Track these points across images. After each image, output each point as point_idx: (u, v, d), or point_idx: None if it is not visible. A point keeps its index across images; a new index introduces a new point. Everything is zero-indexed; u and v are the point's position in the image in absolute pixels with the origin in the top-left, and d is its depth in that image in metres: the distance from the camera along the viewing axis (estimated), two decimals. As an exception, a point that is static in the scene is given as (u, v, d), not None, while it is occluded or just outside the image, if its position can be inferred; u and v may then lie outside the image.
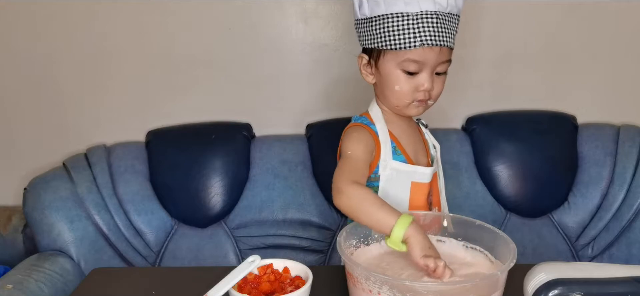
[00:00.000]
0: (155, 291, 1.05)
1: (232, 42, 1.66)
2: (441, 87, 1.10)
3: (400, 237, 0.89)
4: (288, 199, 1.58)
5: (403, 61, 1.05)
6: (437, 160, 1.19)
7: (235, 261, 1.57)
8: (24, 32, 1.64)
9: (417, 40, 1.02)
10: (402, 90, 1.08)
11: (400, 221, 0.90)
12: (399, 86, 1.08)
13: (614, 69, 1.70)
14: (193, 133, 1.66)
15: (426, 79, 1.06)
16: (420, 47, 1.03)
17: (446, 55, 1.06)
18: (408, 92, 1.08)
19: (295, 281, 0.95)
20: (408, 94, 1.08)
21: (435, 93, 1.09)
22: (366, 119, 1.15)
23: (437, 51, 1.04)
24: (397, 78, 1.07)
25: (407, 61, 1.05)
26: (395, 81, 1.08)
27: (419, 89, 1.07)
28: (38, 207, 1.48)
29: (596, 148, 1.62)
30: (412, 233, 0.89)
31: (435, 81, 1.08)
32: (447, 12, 1.03)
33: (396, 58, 1.06)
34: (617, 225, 1.57)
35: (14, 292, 1.22)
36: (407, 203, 1.11)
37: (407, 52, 1.04)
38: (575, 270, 0.83)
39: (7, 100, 1.70)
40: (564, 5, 1.64)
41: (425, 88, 1.06)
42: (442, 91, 1.11)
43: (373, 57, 1.10)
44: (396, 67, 1.07)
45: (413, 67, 1.05)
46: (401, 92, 1.08)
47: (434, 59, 1.04)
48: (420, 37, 1.02)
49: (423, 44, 1.02)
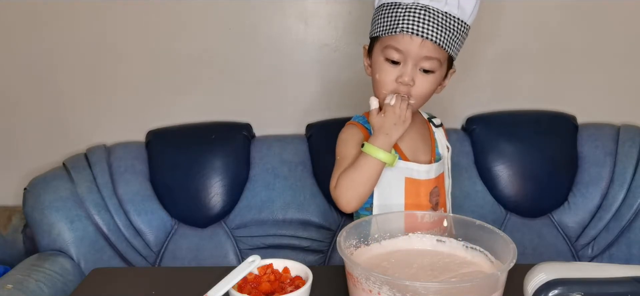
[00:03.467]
0: (155, 291, 1.05)
1: (232, 42, 1.66)
2: (426, 87, 1.08)
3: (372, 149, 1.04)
4: (288, 199, 1.58)
5: (385, 48, 1.07)
6: (445, 161, 1.18)
7: (235, 261, 1.57)
8: (24, 32, 1.64)
9: (399, 26, 1.04)
10: (381, 79, 1.09)
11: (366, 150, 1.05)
12: (380, 74, 1.09)
13: (614, 69, 1.70)
14: (193, 133, 1.66)
15: (407, 70, 1.06)
16: (401, 34, 1.04)
17: (431, 51, 1.05)
18: (388, 82, 1.08)
19: (295, 281, 0.95)
20: (388, 84, 1.08)
21: (416, 91, 1.08)
22: (364, 118, 1.17)
23: (418, 42, 1.04)
24: (380, 66, 1.09)
25: (389, 47, 1.06)
26: (378, 69, 1.10)
27: (398, 80, 1.07)
28: (38, 207, 1.48)
29: (596, 148, 1.62)
30: (373, 138, 1.07)
31: (418, 77, 1.07)
32: (444, 11, 1.03)
33: (381, 45, 1.08)
34: (617, 225, 1.57)
35: (14, 292, 1.22)
36: (403, 198, 1.11)
37: (389, 39, 1.06)
38: (575, 270, 0.83)
39: (7, 100, 1.69)
40: (564, 5, 1.64)
41: (404, 80, 1.06)
42: (427, 93, 1.10)
43: (370, 47, 1.14)
44: (380, 54, 1.09)
45: (395, 56, 1.06)
46: (381, 82, 1.09)
47: (416, 50, 1.04)
48: (403, 24, 1.03)
49: (403, 31, 1.03)
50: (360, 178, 1.05)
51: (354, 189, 1.06)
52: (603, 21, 1.66)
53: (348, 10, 1.64)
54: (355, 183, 1.06)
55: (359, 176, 1.05)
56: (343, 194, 1.07)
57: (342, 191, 1.07)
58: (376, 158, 1.04)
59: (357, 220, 0.98)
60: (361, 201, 1.07)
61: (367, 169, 1.05)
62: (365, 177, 1.05)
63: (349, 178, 1.06)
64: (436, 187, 1.14)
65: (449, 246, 0.99)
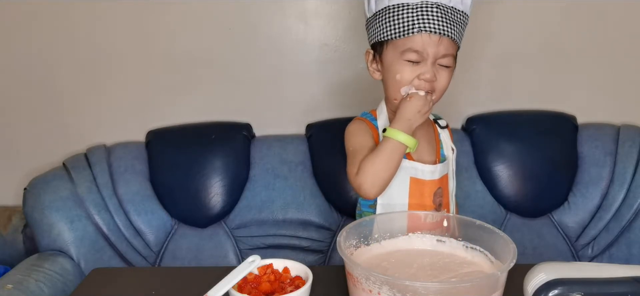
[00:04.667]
0: (155, 291, 1.05)
1: (232, 42, 1.66)
2: (446, 81, 1.09)
3: (394, 132, 1.05)
4: (288, 199, 1.58)
5: (404, 51, 1.07)
6: (449, 162, 1.18)
7: (235, 261, 1.57)
8: (24, 33, 1.64)
9: (415, 26, 1.04)
10: (402, 78, 1.08)
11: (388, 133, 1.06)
12: (400, 74, 1.08)
13: (613, 69, 1.70)
14: (193, 133, 1.66)
15: (428, 68, 1.06)
16: (419, 34, 1.04)
17: (448, 47, 1.06)
18: (408, 79, 1.08)
19: (295, 281, 0.95)
20: (408, 82, 1.08)
21: (439, 85, 1.08)
22: (370, 115, 1.18)
23: (436, 39, 1.04)
24: (401, 67, 1.08)
25: (408, 50, 1.06)
26: (397, 70, 1.09)
27: (420, 77, 1.07)
28: (38, 207, 1.48)
29: (596, 148, 1.62)
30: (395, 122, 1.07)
31: (439, 72, 1.07)
32: (450, 6, 1.05)
33: (397, 48, 1.07)
34: (617, 225, 1.57)
35: (14, 292, 1.22)
36: (407, 198, 1.11)
37: (407, 41, 1.05)
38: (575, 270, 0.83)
39: (7, 100, 1.70)
40: (563, 5, 1.64)
41: (426, 77, 1.06)
42: (446, 86, 1.10)
43: (378, 51, 1.12)
44: (398, 57, 1.08)
45: (414, 57, 1.06)
46: (402, 81, 1.08)
47: (434, 48, 1.05)
48: (419, 24, 1.03)
49: (421, 30, 1.03)
50: (383, 162, 1.05)
51: (377, 174, 1.05)
52: (603, 21, 1.66)
53: (348, 10, 1.64)
54: (377, 168, 1.05)
55: (382, 160, 1.05)
56: (366, 179, 1.06)
57: (366, 176, 1.06)
58: (398, 140, 1.05)
59: (357, 220, 0.98)
60: (385, 185, 1.07)
61: (390, 152, 1.05)
62: (388, 160, 1.05)
63: (370, 163, 1.06)
64: (440, 188, 1.14)
65: (449, 246, 0.99)
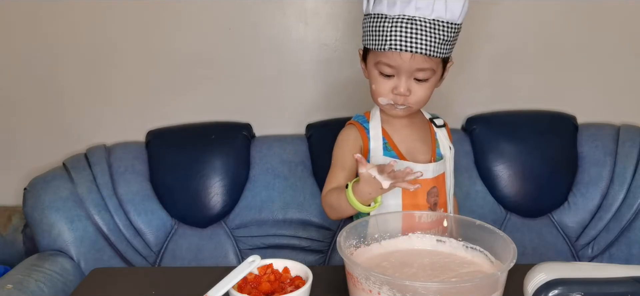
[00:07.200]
0: (155, 291, 1.05)
1: (232, 42, 1.66)
2: (423, 93, 1.09)
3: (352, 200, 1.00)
4: (288, 199, 1.58)
5: (377, 63, 1.08)
6: (447, 161, 1.18)
7: (235, 261, 1.57)
8: (24, 33, 1.64)
9: (387, 43, 1.03)
10: (377, 90, 1.10)
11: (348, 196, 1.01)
12: (376, 85, 1.10)
13: (614, 69, 1.70)
14: (193, 133, 1.66)
15: (402, 82, 1.07)
16: (390, 51, 1.03)
17: (423, 62, 1.04)
18: (384, 92, 1.09)
19: (295, 281, 0.95)
20: (384, 94, 1.09)
21: (414, 99, 1.09)
22: (364, 117, 1.18)
23: (408, 57, 1.03)
24: (375, 78, 1.10)
25: (381, 63, 1.07)
26: (373, 80, 1.11)
27: (394, 91, 1.08)
28: (38, 207, 1.48)
29: (596, 148, 1.62)
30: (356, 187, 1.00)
31: (414, 86, 1.07)
32: (431, 19, 1.01)
33: (373, 58, 1.09)
34: (617, 225, 1.57)
35: (13, 292, 1.22)
36: (400, 198, 1.12)
37: (380, 55, 1.06)
38: (575, 270, 0.83)
39: (7, 100, 1.69)
40: (563, 6, 1.64)
41: (399, 92, 1.07)
42: (425, 98, 1.10)
43: (365, 54, 1.14)
44: (374, 67, 1.09)
45: (387, 70, 1.07)
46: (377, 92, 1.10)
47: (407, 65, 1.04)
48: (389, 41, 1.03)
49: (391, 48, 1.03)
50: (338, 213, 1.11)
51: (336, 214, 1.12)
52: (603, 21, 1.66)
53: (348, 10, 1.64)
54: (334, 211, 1.12)
55: (338, 211, 1.10)
56: (326, 209, 1.14)
57: (326, 209, 1.14)
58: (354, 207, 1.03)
59: (357, 220, 0.98)
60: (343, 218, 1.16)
61: (346, 208, 1.05)
62: (343, 212, 1.09)
63: (329, 205, 1.12)
64: (435, 187, 1.14)
65: (449, 246, 0.99)
